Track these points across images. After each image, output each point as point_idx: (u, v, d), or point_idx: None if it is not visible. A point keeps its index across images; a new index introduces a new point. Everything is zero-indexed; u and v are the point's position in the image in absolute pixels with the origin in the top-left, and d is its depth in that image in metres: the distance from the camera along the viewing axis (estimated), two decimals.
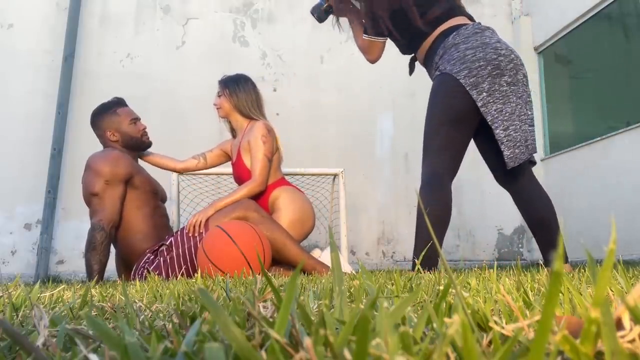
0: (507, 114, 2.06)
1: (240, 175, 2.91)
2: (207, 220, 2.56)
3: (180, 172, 3.10)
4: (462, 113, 2.11)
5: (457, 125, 2.14)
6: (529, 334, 0.33)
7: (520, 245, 5.26)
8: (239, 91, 2.92)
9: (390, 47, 2.49)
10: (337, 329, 0.36)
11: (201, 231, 2.53)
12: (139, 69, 4.87)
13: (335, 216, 4.17)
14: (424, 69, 2.47)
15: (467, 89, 2.06)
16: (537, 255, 5.14)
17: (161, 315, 0.61)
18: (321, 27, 5.30)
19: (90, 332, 0.40)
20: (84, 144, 4.58)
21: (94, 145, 4.55)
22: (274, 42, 5.17)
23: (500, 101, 2.06)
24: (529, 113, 2.15)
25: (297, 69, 5.15)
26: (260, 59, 5.12)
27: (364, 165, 5.02)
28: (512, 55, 2.15)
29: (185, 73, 4.90)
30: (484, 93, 2.06)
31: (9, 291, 0.97)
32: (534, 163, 2.25)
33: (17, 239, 4.36)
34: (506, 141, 2.05)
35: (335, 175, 4.16)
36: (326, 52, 5.24)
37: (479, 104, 2.05)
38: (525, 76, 2.18)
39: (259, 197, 2.80)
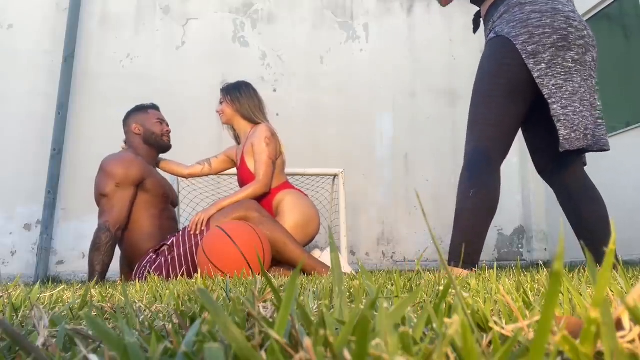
0: (567, 93, 1.75)
1: (244, 180, 2.91)
2: (208, 220, 2.57)
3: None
4: (516, 84, 1.81)
5: (511, 97, 1.82)
6: (528, 335, 0.33)
7: (520, 246, 5.26)
8: (240, 97, 2.94)
9: (390, 46, 2.48)
10: (337, 329, 0.36)
11: (203, 229, 2.54)
12: (139, 69, 4.87)
13: (335, 216, 4.18)
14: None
15: (524, 56, 1.77)
16: (537, 255, 5.14)
17: (161, 315, 0.61)
18: (321, 27, 5.31)
19: (90, 333, 0.40)
20: (84, 144, 4.59)
21: (94, 145, 4.56)
22: (273, 43, 5.18)
23: (562, 77, 1.75)
24: (597, 104, 1.84)
25: (297, 69, 5.15)
26: (260, 59, 5.12)
27: (363, 165, 5.02)
28: (585, 32, 1.82)
29: (185, 73, 4.90)
30: (543, 64, 1.75)
31: (9, 291, 0.97)
32: (584, 164, 1.97)
33: (17, 239, 4.36)
34: (564, 119, 1.73)
35: (335, 176, 4.17)
36: (326, 53, 5.24)
37: (535, 75, 1.75)
38: (594, 60, 1.86)
39: (263, 199, 2.81)
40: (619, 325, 0.28)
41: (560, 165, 1.93)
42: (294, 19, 5.28)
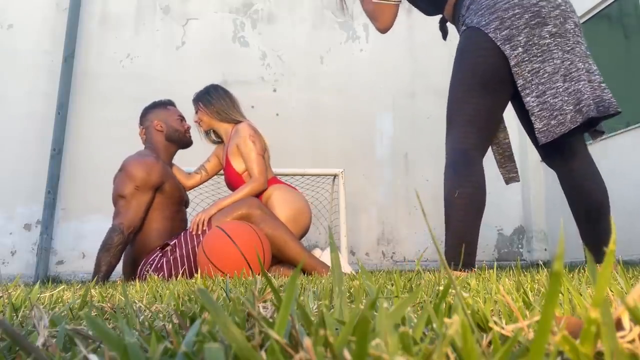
0: (545, 75, 1.67)
1: (231, 181, 2.91)
2: (209, 219, 2.57)
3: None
4: (493, 75, 1.74)
5: (487, 90, 1.75)
6: (528, 335, 0.33)
7: (520, 246, 5.26)
8: (212, 99, 2.96)
9: (390, 46, 2.46)
10: (337, 329, 0.36)
11: (204, 229, 2.54)
12: (139, 69, 4.87)
13: (335, 216, 4.17)
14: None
15: (499, 44, 1.69)
16: (537, 255, 5.14)
17: (161, 315, 0.61)
18: (321, 27, 5.31)
19: (90, 333, 0.40)
20: (84, 144, 4.59)
21: (94, 145, 4.56)
22: (273, 43, 5.18)
23: (539, 58, 1.68)
24: (594, 68, 1.74)
25: (297, 69, 5.15)
26: (260, 59, 5.12)
27: (363, 165, 5.02)
28: (559, 0, 1.75)
29: (185, 73, 4.90)
30: (520, 48, 1.67)
31: (9, 291, 0.97)
32: (600, 132, 1.83)
33: (17, 239, 4.36)
34: (538, 111, 1.66)
35: (335, 176, 4.16)
36: (326, 53, 5.24)
37: (512, 63, 1.68)
38: (577, 25, 1.77)
39: (256, 196, 2.81)
40: (619, 325, 0.28)
41: (558, 151, 1.85)
42: (294, 19, 5.28)
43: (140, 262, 2.66)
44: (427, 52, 5.29)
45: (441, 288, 0.54)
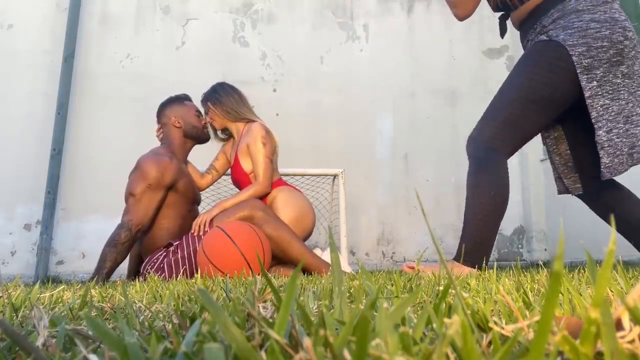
0: (612, 113, 1.68)
1: (238, 180, 2.91)
2: (211, 220, 2.57)
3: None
4: (554, 95, 1.72)
5: (541, 106, 1.74)
6: (528, 335, 0.33)
7: (520, 246, 5.26)
8: (221, 97, 2.96)
9: (390, 46, 2.46)
10: (337, 329, 0.36)
11: (206, 230, 2.54)
12: (139, 69, 4.87)
13: (335, 216, 4.17)
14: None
15: (578, 71, 1.67)
16: (537, 255, 5.14)
17: (161, 315, 0.61)
18: (321, 27, 5.31)
19: (90, 333, 0.40)
20: (84, 144, 4.59)
21: (94, 145, 4.56)
22: (273, 43, 5.18)
23: (609, 96, 1.68)
24: None
25: (297, 69, 5.15)
26: (260, 59, 5.12)
27: (363, 165, 5.02)
28: (636, 40, 1.74)
29: (185, 73, 4.90)
30: (595, 82, 1.67)
31: (9, 291, 0.97)
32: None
33: (16, 239, 4.36)
34: (607, 146, 1.67)
35: (335, 176, 4.16)
36: (326, 53, 5.24)
37: (587, 94, 1.66)
38: None
39: (260, 198, 2.81)
40: (619, 325, 0.28)
41: (601, 188, 1.92)
42: (294, 19, 5.28)
43: (146, 259, 2.66)
44: (427, 52, 5.29)
45: (441, 288, 0.54)
